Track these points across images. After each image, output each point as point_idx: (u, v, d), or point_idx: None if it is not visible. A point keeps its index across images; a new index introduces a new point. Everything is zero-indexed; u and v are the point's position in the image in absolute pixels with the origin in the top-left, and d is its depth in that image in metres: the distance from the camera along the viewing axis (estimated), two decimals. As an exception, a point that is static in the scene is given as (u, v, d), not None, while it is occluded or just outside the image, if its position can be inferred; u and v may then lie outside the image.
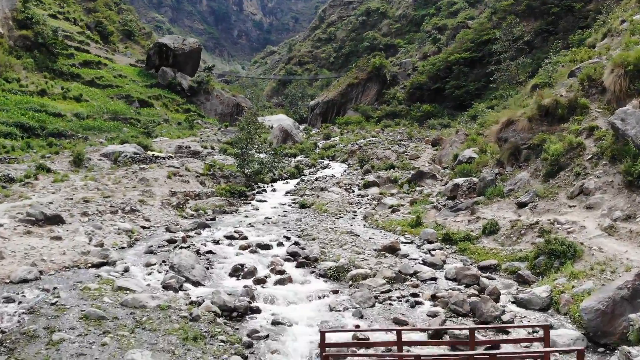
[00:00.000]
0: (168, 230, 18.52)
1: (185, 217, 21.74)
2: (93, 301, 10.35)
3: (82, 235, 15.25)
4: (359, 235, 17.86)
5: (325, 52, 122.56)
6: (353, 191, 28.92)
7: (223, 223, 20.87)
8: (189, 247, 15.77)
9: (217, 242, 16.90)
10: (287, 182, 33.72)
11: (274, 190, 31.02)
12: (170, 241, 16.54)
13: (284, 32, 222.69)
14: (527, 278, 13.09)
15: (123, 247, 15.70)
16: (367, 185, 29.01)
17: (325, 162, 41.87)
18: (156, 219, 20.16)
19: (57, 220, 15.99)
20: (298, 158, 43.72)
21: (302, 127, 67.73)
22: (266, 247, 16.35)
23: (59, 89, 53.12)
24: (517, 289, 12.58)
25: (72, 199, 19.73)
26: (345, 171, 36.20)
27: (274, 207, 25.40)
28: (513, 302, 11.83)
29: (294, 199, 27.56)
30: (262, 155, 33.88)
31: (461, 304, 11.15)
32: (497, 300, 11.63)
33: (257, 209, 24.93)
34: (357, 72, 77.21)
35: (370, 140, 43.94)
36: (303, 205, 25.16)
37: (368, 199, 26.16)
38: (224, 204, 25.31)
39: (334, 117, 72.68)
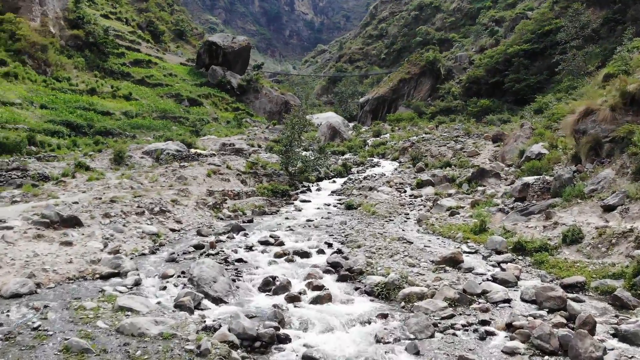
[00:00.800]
0: (199, 233, 16.57)
1: (221, 219, 19.80)
2: (83, 326, 8.34)
3: (97, 240, 13.40)
4: (412, 243, 15.32)
5: (377, 48, 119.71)
6: (405, 191, 26.33)
7: (261, 225, 18.77)
8: (217, 254, 13.69)
9: (250, 248, 14.78)
10: (334, 181, 31.44)
11: (319, 190, 28.79)
12: (198, 247, 14.54)
13: (335, 31, 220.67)
14: (627, 301, 10.27)
15: (144, 254, 13.78)
16: (421, 184, 26.35)
17: (375, 160, 39.31)
18: (189, 220, 18.28)
19: (73, 222, 14.25)
20: (346, 156, 41.35)
21: (351, 124, 65.30)
22: (305, 254, 14.07)
23: (109, 88, 52.84)
24: (616, 316, 9.81)
25: (100, 198, 18.12)
26: (396, 170, 33.59)
27: (318, 208, 23.16)
28: (613, 335, 9.09)
29: (339, 200, 25.23)
30: (307, 153, 31.69)
31: (547, 338, 8.50)
32: (592, 331, 8.95)
33: (300, 210, 22.74)
34: (409, 67, 74.12)
35: (423, 137, 41.03)
36: (349, 207, 22.80)
37: (422, 200, 23.54)
38: (265, 204, 23.28)
39: (384, 114, 69.90)
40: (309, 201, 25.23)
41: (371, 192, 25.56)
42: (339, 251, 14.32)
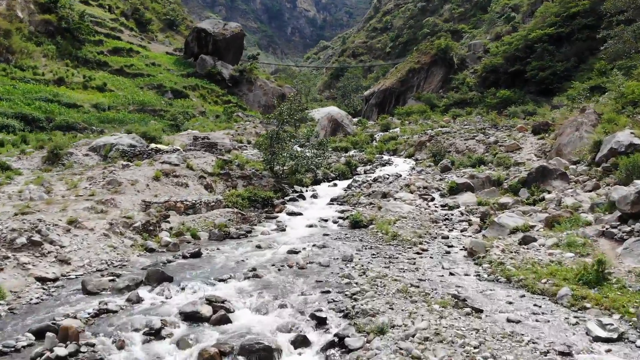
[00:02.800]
0: (85, 288, 8.90)
1: (152, 250, 12.13)
2: None
3: None
4: (481, 312, 7.63)
5: (381, 42, 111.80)
6: (432, 199, 18.60)
7: (210, 264, 11.06)
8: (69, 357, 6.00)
9: (155, 333, 7.09)
10: (335, 184, 23.78)
11: (314, 197, 21.04)
12: (38, 334, 6.86)
13: (338, 28, 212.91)
14: None
15: None
16: (455, 189, 18.61)
17: (386, 157, 31.60)
18: (88, 255, 10.66)
19: None
20: (350, 152, 33.64)
21: (355, 120, 57.52)
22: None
23: (80, 78, 45.52)
24: None
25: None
26: (413, 169, 25.97)
27: (310, 226, 15.51)
28: None
29: (341, 212, 17.48)
30: (299, 149, 24.09)
31: None
32: None
33: (283, 229, 15.08)
34: (419, 56, 66.29)
35: (441, 131, 33.27)
36: (356, 224, 15.13)
37: (462, 214, 15.81)
38: (233, 220, 15.57)
39: (392, 108, 62.12)
40: (300, 214, 17.55)
41: (386, 201, 17.83)
42: (339, 340, 6.62)
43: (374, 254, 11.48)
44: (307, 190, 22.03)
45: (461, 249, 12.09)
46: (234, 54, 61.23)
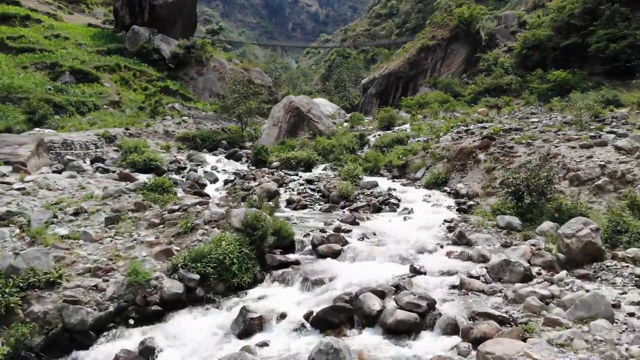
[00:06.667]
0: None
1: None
2: None
3: None
4: None
5: (386, 28, 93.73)
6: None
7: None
8: None
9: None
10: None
11: None
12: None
13: (341, 23, 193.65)
14: None
15: None
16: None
17: (383, 184, 13.59)
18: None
19: None
20: (312, 173, 15.65)
21: (348, 115, 39.17)
22: None
23: None
24: None
25: None
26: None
27: None
28: None
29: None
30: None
31: None
32: None
33: None
34: (433, 30, 47.97)
35: (499, 127, 15.17)
36: None
37: None
38: None
39: (398, 98, 44.01)
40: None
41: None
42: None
43: None
44: None
45: None
46: (184, 26, 43.29)
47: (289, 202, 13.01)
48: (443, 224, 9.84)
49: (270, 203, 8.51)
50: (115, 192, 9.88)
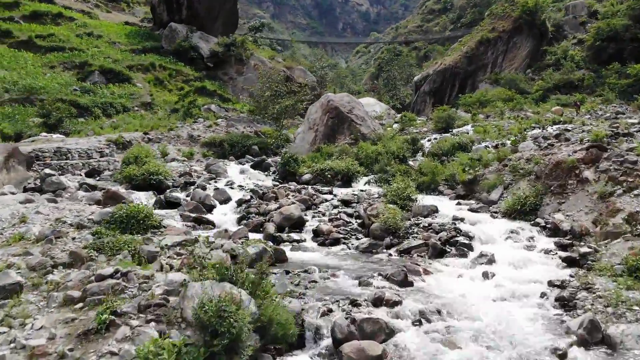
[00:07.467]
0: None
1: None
2: None
3: None
4: None
5: (439, 24, 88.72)
6: None
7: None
8: None
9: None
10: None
11: None
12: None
13: (393, 21, 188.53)
14: None
15: None
16: None
17: (446, 206, 9.89)
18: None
19: None
20: (356, 187, 12.19)
21: (398, 116, 35.10)
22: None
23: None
24: None
25: None
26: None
27: None
28: None
29: None
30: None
31: None
32: None
33: None
34: (493, 22, 43.22)
35: (601, 131, 11.08)
36: None
37: None
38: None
39: (454, 96, 39.63)
40: None
41: None
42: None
43: None
44: None
45: None
46: (224, 23, 40.56)
47: (316, 234, 9.49)
48: (548, 290, 6.07)
49: (256, 270, 4.96)
50: (53, 233, 6.67)
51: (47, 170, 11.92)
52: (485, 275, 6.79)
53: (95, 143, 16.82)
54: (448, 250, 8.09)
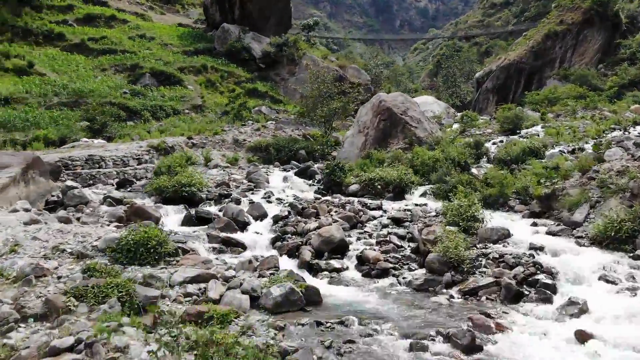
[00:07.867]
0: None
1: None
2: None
3: None
4: None
5: (502, 19, 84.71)
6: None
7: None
8: None
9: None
10: None
11: None
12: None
13: (452, 17, 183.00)
14: None
15: None
16: None
17: (519, 227, 8.15)
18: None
19: None
20: (410, 200, 10.67)
21: (459, 115, 32.75)
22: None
23: (-4, 56, 26.97)
24: None
25: None
26: None
27: None
28: None
29: None
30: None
31: None
32: None
33: None
34: (561, 14, 39.93)
35: None
36: None
37: None
38: None
39: (519, 93, 36.80)
40: None
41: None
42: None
43: None
44: None
45: None
46: (277, 23, 39.58)
47: (361, 261, 7.98)
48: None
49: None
50: (34, 271, 5.50)
51: (69, 182, 11.05)
52: (580, 339, 5.04)
53: (134, 149, 16.02)
54: (526, 292, 6.35)
